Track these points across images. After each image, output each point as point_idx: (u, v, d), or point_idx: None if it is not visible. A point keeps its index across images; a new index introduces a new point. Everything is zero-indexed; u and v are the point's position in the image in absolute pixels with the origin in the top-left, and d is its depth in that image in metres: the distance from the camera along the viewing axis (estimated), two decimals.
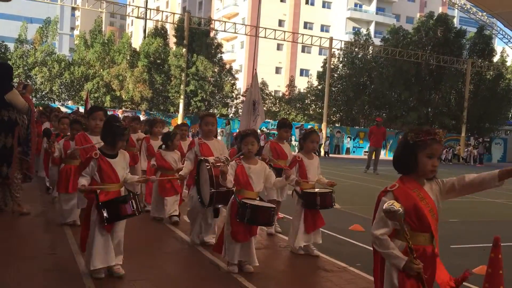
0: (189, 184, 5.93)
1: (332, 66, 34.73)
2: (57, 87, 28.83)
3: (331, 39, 32.95)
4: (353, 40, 37.58)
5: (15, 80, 20.98)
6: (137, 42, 50.31)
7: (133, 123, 8.13)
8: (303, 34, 33.72)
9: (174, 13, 33.46)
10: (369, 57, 36.79)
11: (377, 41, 41.09)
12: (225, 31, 32.54)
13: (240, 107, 31.92)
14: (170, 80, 30.10)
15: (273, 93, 39.16)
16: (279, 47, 57.10)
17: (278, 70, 58.76)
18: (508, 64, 41.40)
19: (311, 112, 36.87)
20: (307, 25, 59.49)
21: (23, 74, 27.88)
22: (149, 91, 29.14)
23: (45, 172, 8.44)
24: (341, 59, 37.07)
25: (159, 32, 31.98)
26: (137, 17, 32.22)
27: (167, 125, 17.87)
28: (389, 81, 34.35)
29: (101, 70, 29.31)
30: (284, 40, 34.79)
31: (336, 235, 6.26)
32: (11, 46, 29.31)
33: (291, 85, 39.97)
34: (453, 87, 35.96)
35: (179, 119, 28.03)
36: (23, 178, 6.57)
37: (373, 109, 36.01)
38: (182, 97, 29.28)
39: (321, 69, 37.10)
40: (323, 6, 62.26)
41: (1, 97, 6.14)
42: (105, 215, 3.82)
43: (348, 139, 33.22)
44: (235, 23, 33.52)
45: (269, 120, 31.46)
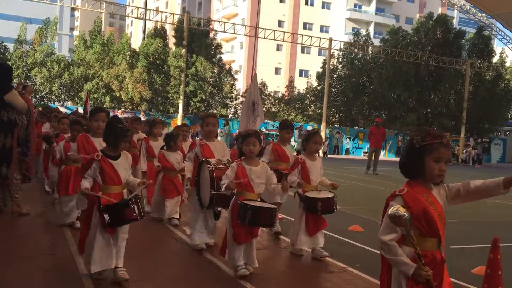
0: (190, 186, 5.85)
1: (332, 67, 34.72)
2: (56, 87, 28.82)
3: (330, 39, 32.94)
4: (352, 41, 37.55)
5: (14, 81, 20.98)
6: (136, 42, 50.31)
7: (135, 123, 8.12)
8: (302, 35, 33.68)
9: (173, 14, 33.43)
10: (368, 57, 36.77)
11: (376, 42, 41.10)
12: (224, 31, 32.53)
13: (239, 107, 31.91)
14: (170, 80, 30.11)
15: (272, 94, 39.15)
16: (278, 47, 57.10)
17: (277, 71, 58.75)
18: (507, 65, 41.42)
19: (310, 112, 36.86)
20: (307, 25, 59.48)
21: (22, 74, 27.86)
22: (148, 91, 29.14)
23: (45, 173, 8.42)
24: (340, 60, 37.05)
25: (159, 33, 32.03)
26: (137, 18, 32.21)
27: (167, 126, 17.86)
28: (388, 81, 34.33)
29: (101, 71, 29.31)
30: (284, 41, 34.79)
31: (335, 235, 6.26)
32: (10, 46, 29.26)
33: (290, 85, 39.99)
34: (453, 87, 35.94)
35: (178, 119, 28.01)
36: (22, 178, 6.57)
37: (373, 110, 35.99)
38: (181, 97, 29.27)
39: (320, 70, 37.09)
40: (323, 7, 62.26)
41: (0, 98, 6.15)
42: (107, 219, 3.75)
43: (348, 139, 33.22)
44: (234, 24, 33.52)
45: (268, 121, 31.47)
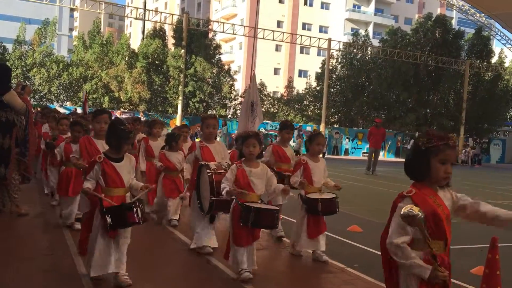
0: (190, 190, 5.69)
1: (331, 67, 34.73)
2: (55, 88, 28.81)
3: (329, 40, 32.96)
4: (351, 41, 37.56)
5: (13, 81, 20.95)
6: (135, 43, 50.32)
7: (135, 124, 8.10)
8: (301, 35, 33.72)
9: (172, 14, 33.45)
10: (367, 58, 36.79)
11: (375, 42, 41.13)
12: (223, 32, 32.55)
13: (238, 108, 31.91)
14: (169, 81, 30.11)
15: (271, 94, 39.15)
16: (277, 48, 57.11)
17: (276, 71, 58.75)
18: (506, 65, 41.49)
19: (309, 113, 36.87)
20: (306, 26, 59.49)
21: (21, 75, 27.84)
22: (147, 92, 29.14)
23: (44, 175, 8.38)
24: (339, 60, 37.05)
25: (158, 33, 32.03)
26: (136, 18, 32.23)
27: (166, 126, 17.85)
28: (387, 82, 34.35)
29: (100, 71, 29.31)
30: (283, 41, 34.83)
31: (334, 236, 6.25)
32: (9, 47, 29.26)
33: (289, 86, 39.98)
34: (452, 88, 35.96)
35: (177, 120, 28.03)
36: (21, 179, 6.56)
37: (372, 110, 36.02)
38: (180, 98, 29.28)
39: (319, 70, 37.09)
40: (322, 7, 62.29)
41: None
42: (108, 221, 3.68)
43: (347, 140, 33.24)
44: (233, 24, 33.53)
45: (267, 121, 31.49)
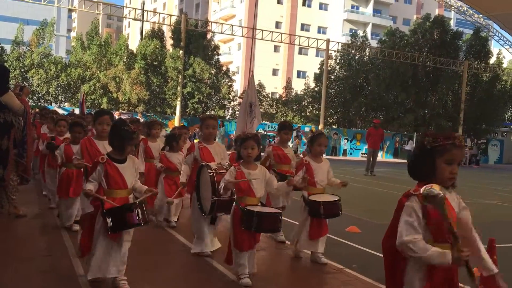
0: (189, 191, 5.66)
1: (329, 68, 34.76)
2: (53, 89, 28.79)
3: (328, 41, 32.98)
4: (350, 42, 37.59)
5: (11, 82, 20.90)
6: (134, 44, 50.25)
7: (138, 125, 8.07)
8: (300, 36, 33.71)
9: (171, 15, 33.40)
10: (366, 59, 36.83)
11: (374, 43, 41.22)
12: (222, 33, 32.51)
13: (237, 109, 31.93)
14: (167, 82, 30.11)
15: (270, 95, 39.20)
16: (276, 49, 57.17)
17: (275, 72, 58.79)
18: (504, 66, 41.57)
19: (308, 114, 36.91)
20: (304, 27, 59.57)
21: (19, 76, 27.82)
22: (146, 93, 29.13)
23: (42, 176, 8.35)
24: (338, 61, 37.12)
25: (156, 34, 32.02)
26: (134, 19, 32.14)
27: (164, 127, 17.86)
28: (385, 82, 34.41)
29: (98, 72, 29.29)
30: (281, 42, 34.81)
31: (332, 236, 6.25)
32: (7, 48, 29.24)
33: (288, 87, 40.04)
34: (450, 89, 36.02)
35: (176, 121, 28.01)
36: (20, 180, 6.56)
37: (370, 111, 36.08)
38: (179, 99, 29.25)
39: (318, 71, 37.14)
40: (320, 8, 62.37)
41: None
42: (109, 223, 3.63)
43: (345, 140, 33.26)
44: (232, 25, 33.48)
45: (266, 122, 31.52)
